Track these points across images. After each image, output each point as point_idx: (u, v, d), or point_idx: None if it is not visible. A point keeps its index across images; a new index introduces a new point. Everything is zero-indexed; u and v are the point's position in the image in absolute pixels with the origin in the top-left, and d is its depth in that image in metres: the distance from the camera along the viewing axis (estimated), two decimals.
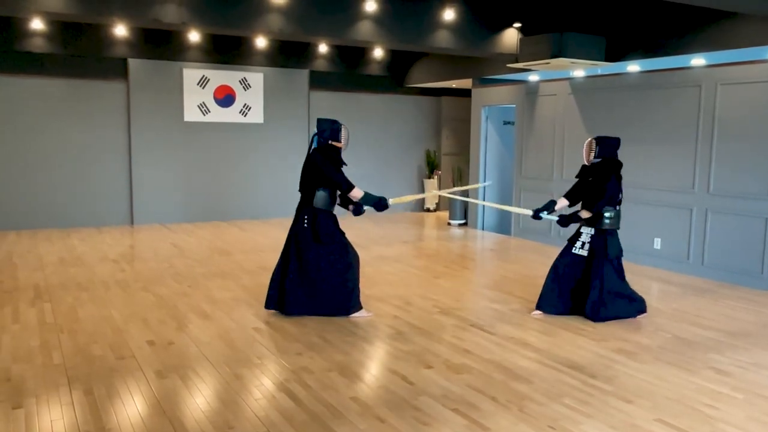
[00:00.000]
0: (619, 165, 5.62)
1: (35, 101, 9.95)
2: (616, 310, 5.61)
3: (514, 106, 10.27)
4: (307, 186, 5.56)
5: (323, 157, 5.49)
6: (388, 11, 7.70)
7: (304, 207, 5.55)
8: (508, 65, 8.63)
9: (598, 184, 5.57)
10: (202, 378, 4.15)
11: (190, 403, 3.76)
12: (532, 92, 9.85)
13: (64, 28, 9.65)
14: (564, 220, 5.75)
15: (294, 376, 4.20)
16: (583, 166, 5.76)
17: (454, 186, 12.43)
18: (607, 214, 5.57)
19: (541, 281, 7.12)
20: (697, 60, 7.24)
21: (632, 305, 5.71)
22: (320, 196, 5.50)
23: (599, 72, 8.54)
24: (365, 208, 5.65)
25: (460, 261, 8.43)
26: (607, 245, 5.55)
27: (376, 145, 12.61)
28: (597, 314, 5.53)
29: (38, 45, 9.61)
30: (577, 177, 5.84)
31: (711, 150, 7.35)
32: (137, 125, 10.56)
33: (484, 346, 4.87)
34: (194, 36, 10.18)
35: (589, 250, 5.63)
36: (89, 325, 5.21)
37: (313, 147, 5.60)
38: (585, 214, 5.67)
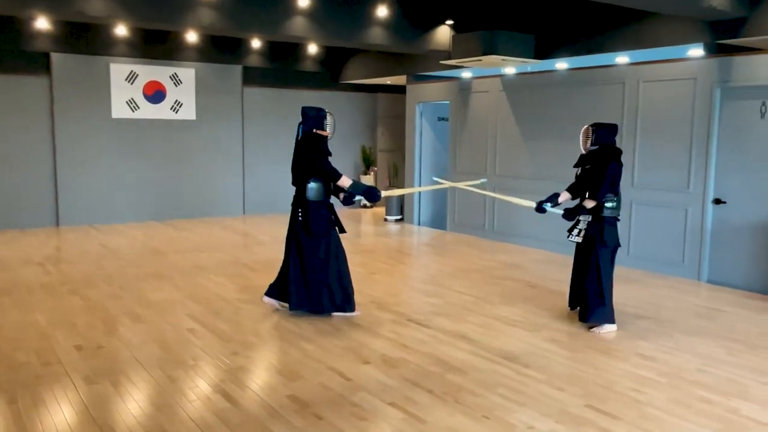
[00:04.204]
0: (619, 152, 5.39)
1: None
2: (601, 310, 5.29)
3: (448, 102, 10.40)
4: (298, 179, 5.44)
5: (309, 147, 5.36)
6: (321, 7, 7.66)
7: (299, 200, 5.45)
8: (441, 62, 8.73)
9: (598, 171, 5.32)
10: (133, 382, 4.04)
11: (121, 409, 3.66)
12: (465, 89, 9.99)
13: None
14: (569, 213, 5.48)
15: (230, 377, 4.15)
16: (581, 156, 5.55)
17: (389, 182, 12.51)
18: (608, 204, 5.32)
19: (477, 275, 7.28)
20: (621, 58, 7.51)
21: (608, 310, 5.34)
22: (312, 187, 5.39)
23: (529, 69, 8.75)
24: (356, 198, 5.55)
25: (396, 256, 8.49)
26: (603, 232, 5.28)
27: None
28: (591, 315, 5.27)
29: None
30: (575, 167, 5.64)
31: (635, 144, 7.64)
32: (62, 122, 10.15)
33: (421, 340, 4.93)
34: (121, 30, 9.87)
35: (585, 237, 5.40)
36: (12, 331, 4.99)
37: (298, 137, 5.47)
38: (589, 204, 5.35)
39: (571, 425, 3.51)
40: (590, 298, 5.28)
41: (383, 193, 5.62)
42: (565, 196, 5.65)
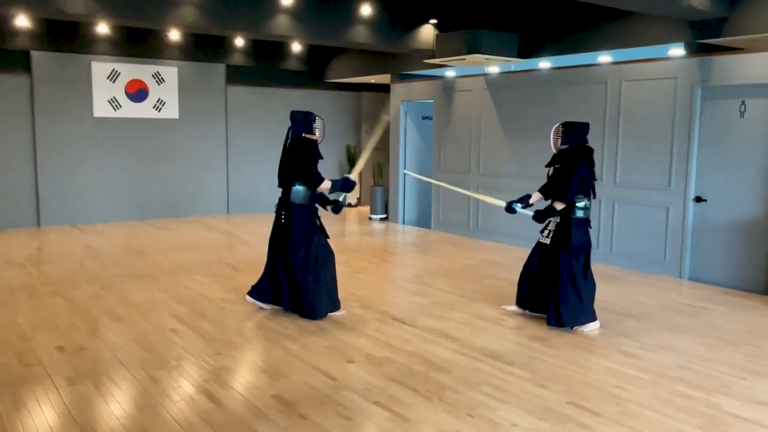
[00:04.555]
0: (590, 151, 5.26)
1: None
2: (580, 311, 5.22)
3: (432, 101, 10.42)
4: (284, 181, 5.44)
5: (297, 151, 5.36)
6: (305, 6, 7.65)
7: (283, 203, 5.44)
8: (425, 61, 8.74)
9: (567, 171, 5.18)
10: (116, 383, 4.01)
11: (103, 410, 3.63)
12: (449, 88, 10.01)
13: None
14: (539, 215, 5.30)
15: (214, 377, 4.13)
16: (553, 156, 5.41)
17: (374, 181, 12.51)
18: (579, 204, 5.21)
19: (461, 273, 7.30)
20: (604, 57, 7.56)
21: (588, 309, 5.29)
22: (297, 191, 5.39)
23: (513, 68, 8.78)
24: (341, 198, 5.54)
25: (381, 255, 8.50)
26: (571, 233, 5.18)
27: None
28: (561, 319, 5.19)
29: None
30: (547, 166, 5.50)
31: (617, 143, 7.70)
32: (42, 121, 10.04)
33: (405, 339, 4.94)
34: (103, 28, 9.77)
35: (552, 239, 5.30)
36: None
37: (287, 142, 5.46)
38: (559, 205, 5.22)
39: (553, 422, 3.53)
40: (560, 301, 5.19)
41: (352, 176, 5.68)
42: (536, 197, 5.55)
